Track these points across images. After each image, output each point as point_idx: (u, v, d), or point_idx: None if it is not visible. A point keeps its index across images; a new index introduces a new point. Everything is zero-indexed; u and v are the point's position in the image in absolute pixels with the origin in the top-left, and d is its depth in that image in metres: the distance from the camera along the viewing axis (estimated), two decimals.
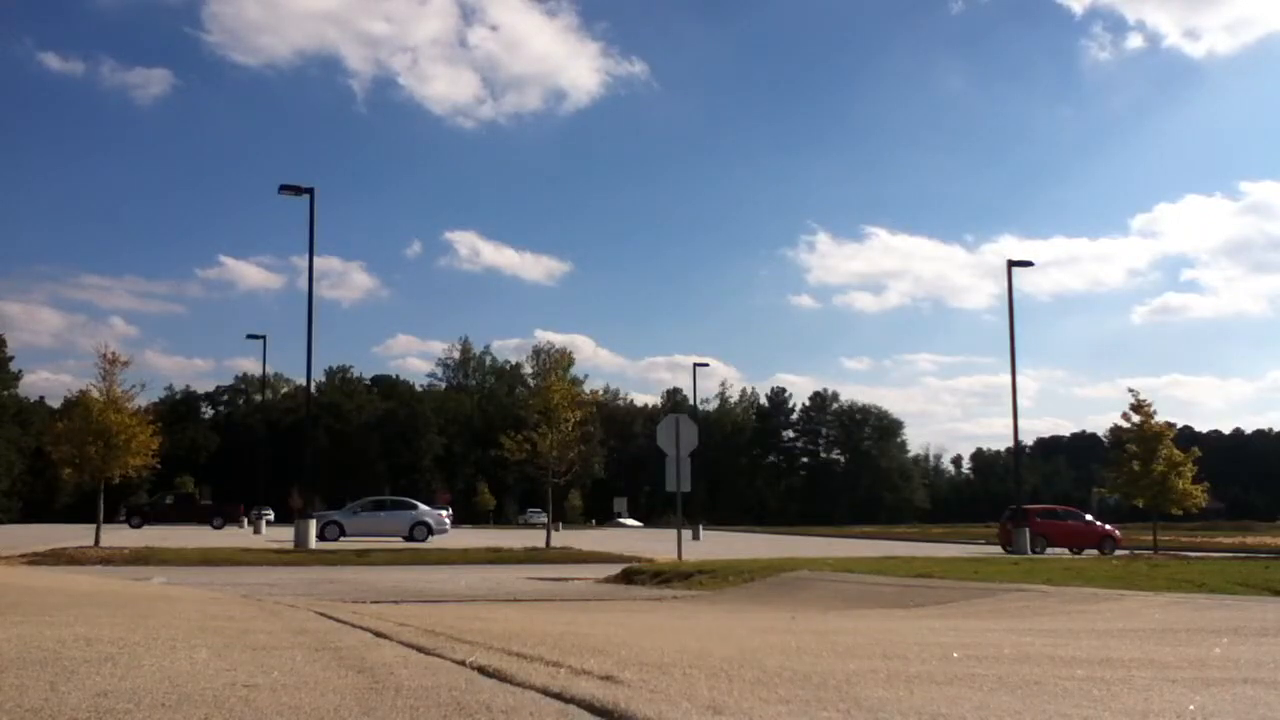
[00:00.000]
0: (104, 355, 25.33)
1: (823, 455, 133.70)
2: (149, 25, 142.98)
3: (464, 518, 75.11)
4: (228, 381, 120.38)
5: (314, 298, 26.32)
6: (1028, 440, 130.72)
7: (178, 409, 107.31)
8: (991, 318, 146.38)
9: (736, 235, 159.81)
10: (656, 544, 22.73)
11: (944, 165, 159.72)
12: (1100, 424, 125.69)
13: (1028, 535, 30.54)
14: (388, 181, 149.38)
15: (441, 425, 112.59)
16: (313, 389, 36.16)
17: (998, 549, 31.13)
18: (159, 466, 26.46)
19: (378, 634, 2.49)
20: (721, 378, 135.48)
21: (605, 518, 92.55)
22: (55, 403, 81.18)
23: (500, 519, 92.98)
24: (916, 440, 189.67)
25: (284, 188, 26.23)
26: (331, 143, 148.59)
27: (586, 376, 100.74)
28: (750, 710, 1.52)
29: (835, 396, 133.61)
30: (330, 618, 3.08)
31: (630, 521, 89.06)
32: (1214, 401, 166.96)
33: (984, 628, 3.33)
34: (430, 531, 33.54)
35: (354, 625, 2.76)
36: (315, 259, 26.30)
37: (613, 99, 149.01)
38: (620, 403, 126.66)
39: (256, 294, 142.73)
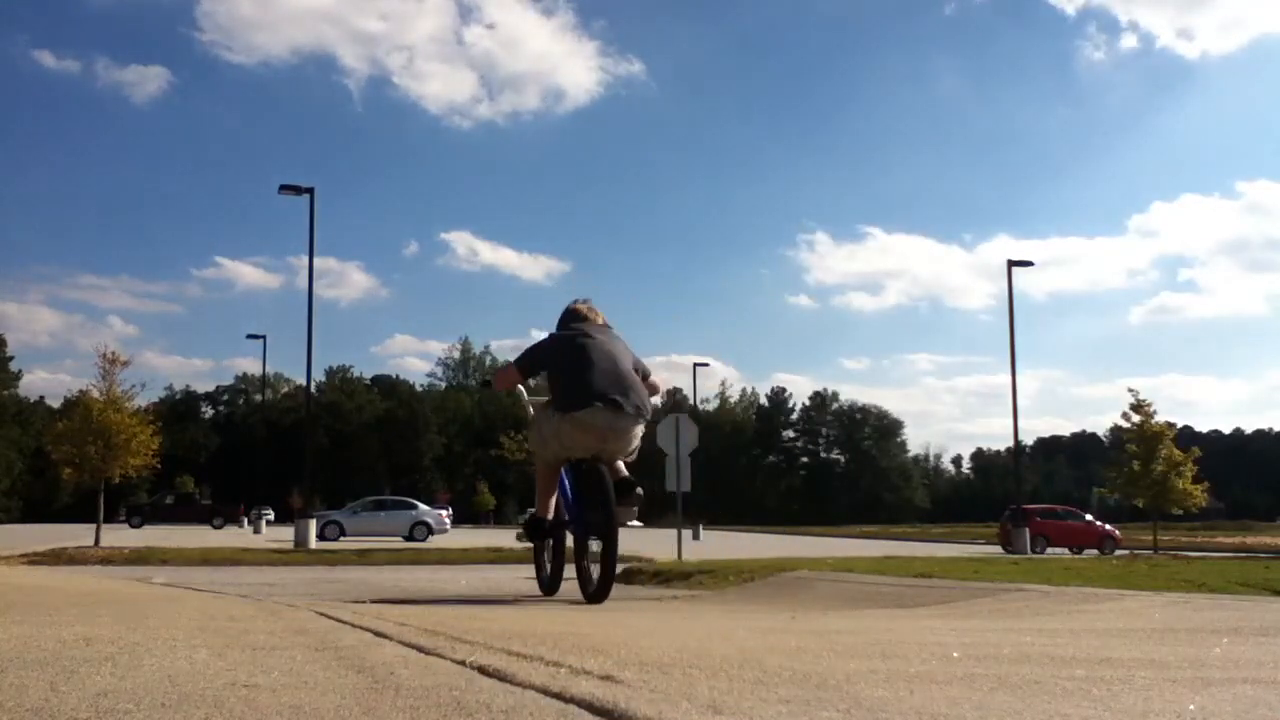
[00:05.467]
0: (103, 355, 25.32)
1: (823, 455, 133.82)
2: (143, 23, 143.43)
3: (464, 518, 75.11)
4: (228, 381, 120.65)
5: (313, 297, 26.30)
6: (1028, 440, 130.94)
7: (178, 409, 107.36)
8: (989, 318, 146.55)
9: (735, 235, 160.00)
10: (656, 544, 22.76)
11: (940, 165, 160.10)
12: (1100, 424, 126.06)
13: (1028, 535, 30.55)
14: (384, 181, 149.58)
15: (441, 425, 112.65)
16: (313, 389, 36.13)
17: (998, 549, 31.12)
18: (159, 466, 26.43)
19: (378, 634, 2.49)
20: (721, 378, 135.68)
21: None
22: (55, 402, 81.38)
23: (500, 519, 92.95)
24: (916, 440, 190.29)
25: (284, 187, 26.16)
26: (327, 142, 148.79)
27: None
28: (750, 710, 1.52)
29: (835, 396, 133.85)
30: (330, 618, 3.08)
31: (630, 521, 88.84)
32: (1214, 401, 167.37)
33: (984, 628, 3.33)
34: (430, 531, 33.57)
35: (354, 625, 2.76)
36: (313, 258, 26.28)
37: (611, 98, 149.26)
38: None
39: (254, 294, 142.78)
